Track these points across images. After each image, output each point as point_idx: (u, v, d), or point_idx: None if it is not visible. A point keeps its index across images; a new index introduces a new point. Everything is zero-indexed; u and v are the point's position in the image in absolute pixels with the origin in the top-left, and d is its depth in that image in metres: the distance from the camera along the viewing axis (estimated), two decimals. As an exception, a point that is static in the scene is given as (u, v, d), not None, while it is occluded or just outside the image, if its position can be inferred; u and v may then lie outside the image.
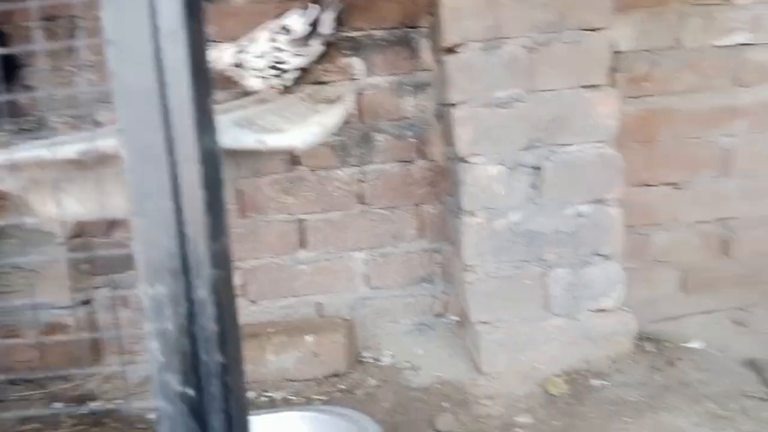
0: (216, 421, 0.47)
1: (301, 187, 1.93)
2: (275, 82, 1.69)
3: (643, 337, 1.70)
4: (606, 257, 1.66)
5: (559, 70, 1.59)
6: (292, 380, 1.68)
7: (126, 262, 1.90)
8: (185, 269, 0.47)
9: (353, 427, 1.27)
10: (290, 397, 1.61)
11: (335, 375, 1.70)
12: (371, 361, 1.78)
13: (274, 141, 0.77)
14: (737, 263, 1.98)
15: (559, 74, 1.60)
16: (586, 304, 1.66)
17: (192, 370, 0.47)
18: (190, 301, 0.47)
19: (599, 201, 1.64)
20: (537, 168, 1.63)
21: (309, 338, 1.70)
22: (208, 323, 0.47)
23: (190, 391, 0.47)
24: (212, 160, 0.49)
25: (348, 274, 1.97)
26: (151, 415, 1.56)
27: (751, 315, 1.83)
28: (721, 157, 1.95)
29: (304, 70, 1.76)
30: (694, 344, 1.69)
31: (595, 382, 1.54)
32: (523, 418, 1.42)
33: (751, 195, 1.96)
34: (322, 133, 1.07)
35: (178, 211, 0.47)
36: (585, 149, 1.63)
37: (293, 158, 1.91)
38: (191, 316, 0.47)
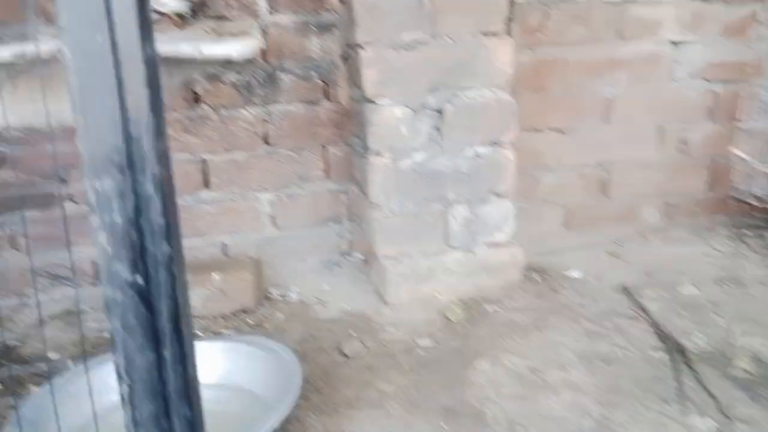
0: (163, 306, 0.50)
1: (203, 126, 1.89)
2: (172, 11, 1.62)
3: (530, 268, 1.86)
4: (500, 195, 1.78)
5: (460, 15, 1.65)
6: (199, 317, 1.69)
7: (13, 202, 1.80)
8: (131, 165, 0.49)
9: (267, 355, 1.32)
10: (198, 333, 1.62)
11: (243, 311, 1.72)
12: (279, 298, 1.82)
13: (210, 50, 0.78)
14: (614, 202, 2.20)
15: (461, 20, 1.66)
16: (482, 239, 1.79)
17: (140, 259, 0.49)
18: (137, 195, 0.49)
19: (495, 143, 1.75)
20: (439, 111, 1.70)
21: (216, 276, 1.71)
22: (155, 217, 0.49)
23: (140, 280, 0.49)
24: (153, 62, 0.51)
25: (254, 215, 1.98)
26: (52, 355, 1.53)
27: (623, 248, 2.04)
28: (603, 105, 2.12)
29: (203, 3, 1.71)
30: (575, 274, 1.87)
31: (489, 308, 1.68)
32: (424, 342, 1.53)
33: (628, 140, 2.15)
34: (251, 51, 1.07)
35: (123, 109, 0.48)
36: (484, 94, 1.71)
37: (195, 96, 1.86)
38: (138, 210, 0.49)
